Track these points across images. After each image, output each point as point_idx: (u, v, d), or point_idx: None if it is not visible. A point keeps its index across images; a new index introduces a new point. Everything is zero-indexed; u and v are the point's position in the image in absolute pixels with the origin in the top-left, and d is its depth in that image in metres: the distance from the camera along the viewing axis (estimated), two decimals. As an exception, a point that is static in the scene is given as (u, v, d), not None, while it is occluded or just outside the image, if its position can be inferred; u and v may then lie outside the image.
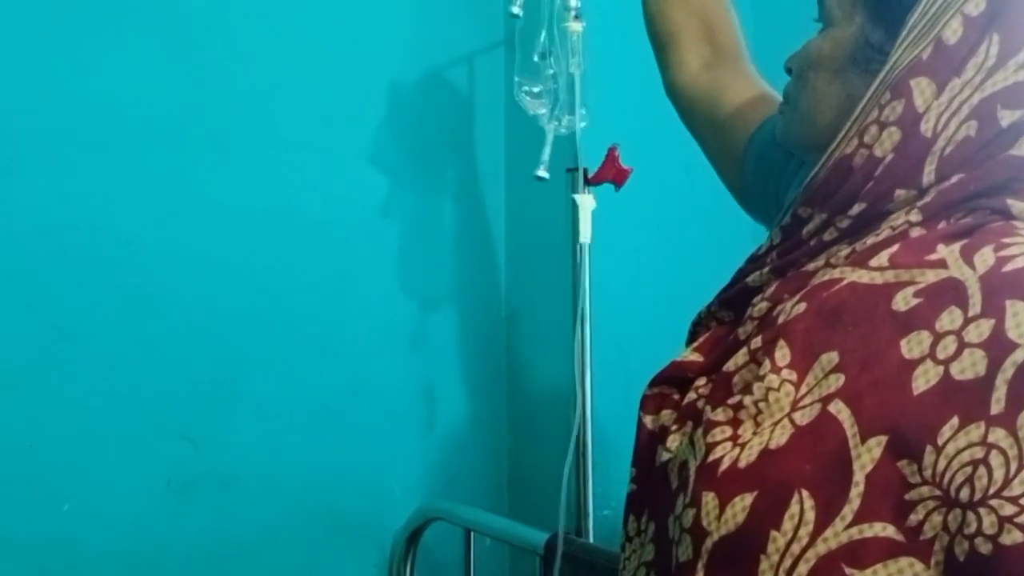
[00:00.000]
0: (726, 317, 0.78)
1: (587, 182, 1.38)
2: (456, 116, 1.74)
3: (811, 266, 0.72)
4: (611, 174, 1.37)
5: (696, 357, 0.77)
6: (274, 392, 1.50)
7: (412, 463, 1.66)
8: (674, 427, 0.74)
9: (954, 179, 0.66)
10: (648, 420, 0.77)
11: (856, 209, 0.70)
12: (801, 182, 0.77)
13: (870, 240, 0.68)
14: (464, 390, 1.73)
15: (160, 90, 1.41)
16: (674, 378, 0.78)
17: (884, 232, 0.68)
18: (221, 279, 1.46)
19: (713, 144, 1.04)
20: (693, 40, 1.07)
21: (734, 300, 0.78)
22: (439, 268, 1.70)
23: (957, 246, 0.63)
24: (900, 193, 0.68)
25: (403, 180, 1.65)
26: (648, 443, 0.76)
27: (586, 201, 1.36)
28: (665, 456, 0.74)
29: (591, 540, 1.42)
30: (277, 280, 1.51)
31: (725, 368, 0.72)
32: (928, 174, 0.67)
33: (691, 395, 0.74)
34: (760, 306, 0.74)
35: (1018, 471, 0.54)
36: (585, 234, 1.37)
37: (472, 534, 1.51)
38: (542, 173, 1.23)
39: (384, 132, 1.63)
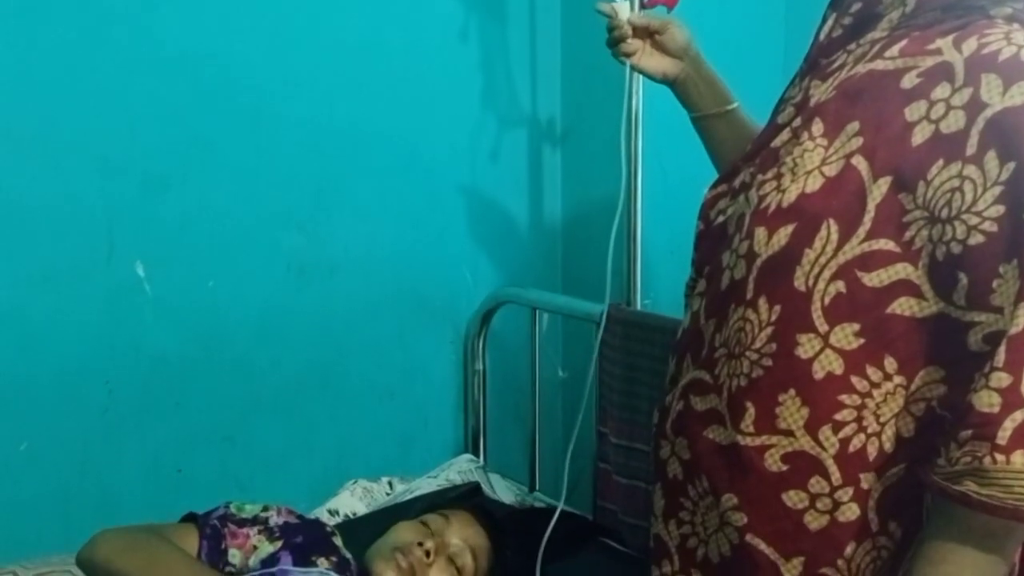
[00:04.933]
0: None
1: (643, 6, 1.50)
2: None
3: (831, 61, 0.89)
4: (663, -3, 1.49)
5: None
6: (369, 194, 1.72)
7: (481, 257, 1.88)
8: (729, 201, 0.95)
9: None
10: (711, 213, 0.97)
11: (855, 7, 0.88)
12: None
13: (870, 35, 0.86)
14: (526, 200, 1.93)
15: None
16: (727, 175, 0.97)
17: (879, 31, 0.85)
18: (324, 99, 1.65)
19: None
20: None
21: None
22: (503, 90, 1.86)
23: (951, 38, 0.80)
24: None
25: (474, 9, 1.78)
26: (707, 221, 0.97)
27: (622, 7, 1.25)
28: (721, 218, 0.95)
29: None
30: (368, 97, 1.69)
31: (772, 145, 0.92)
32: None
33: (743, 176, 0.94)
34: (794, 94, 0.93)
35: (982, 194, 0.74)
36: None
37: (537, 312, 1.74)
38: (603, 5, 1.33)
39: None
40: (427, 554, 1.18)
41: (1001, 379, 0.72)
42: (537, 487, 1.75)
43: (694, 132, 1.24)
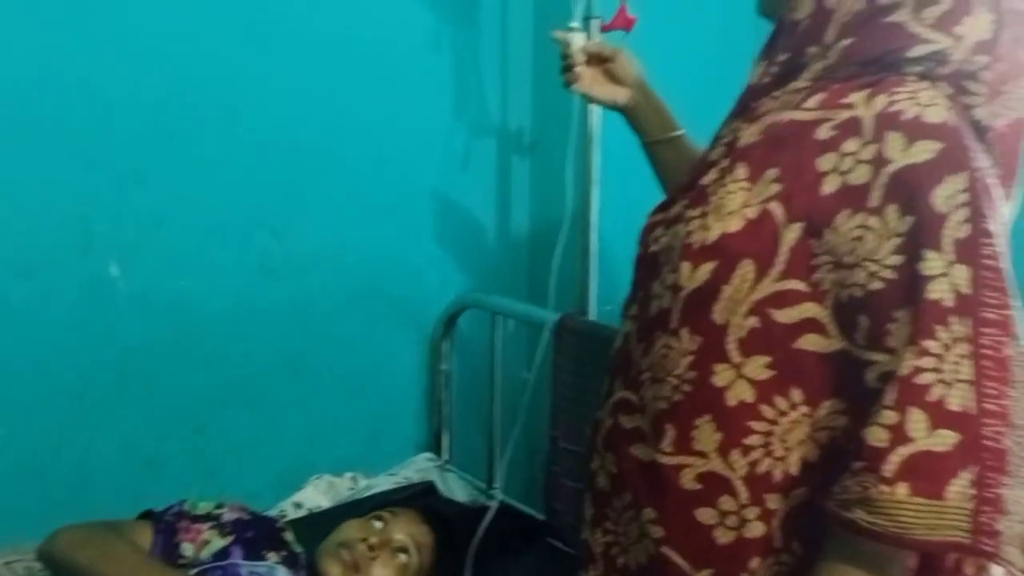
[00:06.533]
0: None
1: (602, 29, 1.56)
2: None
3: (758, 106, 0.94)
4: (621, 23, 1.55)
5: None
6: (340, 196, 1.75)
7: (448, 261, 1.93)
8: (664, 230, 1.00)
9: (848, 40, 0.88)
10: (649, 239, 1.02)
11: (782, 57, 0.93)
12: None
13: (794, 84, 0.91)
14: (493, 208, 1.98)
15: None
16: (665, 205, 1.03)
17: (803, 81, 0.90)
18: (299, 101, 1.67)
19: None
20: None
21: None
22: (474, 99, 1.90)
23: (865, 93, 0.85)
24: (811, 50, 0.90)
25: (445, 21, 1.82)
26: (645, 247, 1.02)
27: (576, 36, 1.33)
28: (656, 247, 1.00)
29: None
30: (341, 100, 1.72)
31: (702, 182, 0.97)
32: (830, 35, 0.89)
33: (677, 208, 0.99)
34: (726, 133, 0.98)
35: (883, 243, 0.80)
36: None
37: (497, 317, 1.79)
38: (574, 24, 1.39)
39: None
40: (370, 548, 1.24)
41: (890, 417, 0.77)
42: (495, 485, 1.81)
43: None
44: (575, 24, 1.38)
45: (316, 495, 1.69)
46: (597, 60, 1.31)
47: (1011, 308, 0.79)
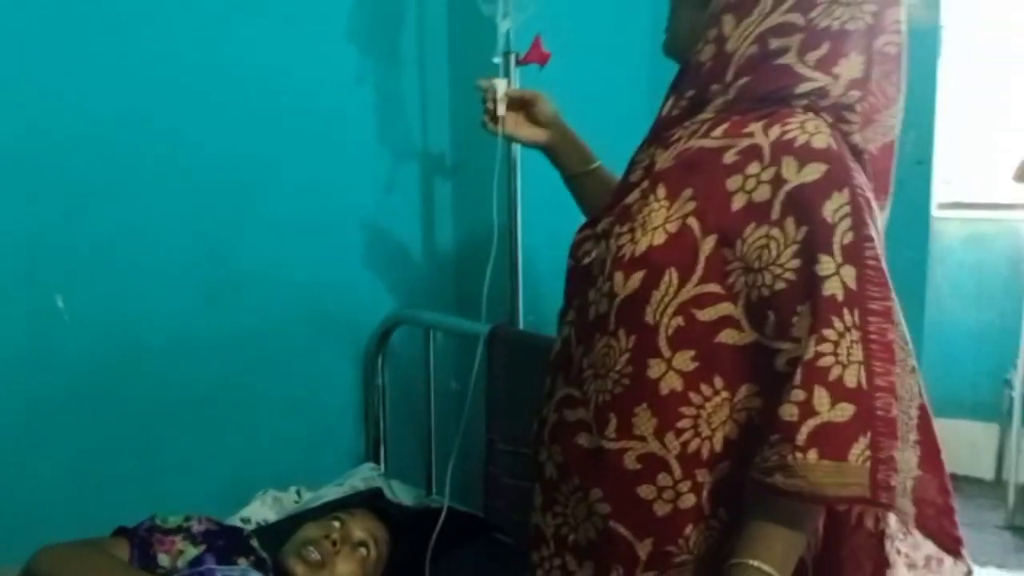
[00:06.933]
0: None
1: (518, 63, 1.69)
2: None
3: (670, 134, 1.09)
4: (536, 57, 1.68)
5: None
6: (275, 223, 1.82)
7: (379, 280, 2.02)
8: (593, 244, 1.13)
9: (745, 79, 1.03)
10: (579, 253, 1.15)
11: (689, 93, 1.08)
12: None
13: (701, 116, 1.05)
14: (418, 226, 2.09)
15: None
16: (592, 222, 1.16)
17: (708, 113, 1.05)
18: (234, 136, 1.74)
19: None
20: None
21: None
22: (397, 126, 2.01)
23: (761, 124, 1.00)
24: (714, 87, 1.05)
25: (368, 56, 1.93)
26: (577, 260, 1.15)
27: (499, 84, 1.47)
28: (587, 259, 1.14)
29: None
30: (274, 132, 1.79)
31: (626, 202, 1.10)
32: (730, 75, 1.04)
33: (604, 224, 1.12)
34: (643, 158, 1.12)
35: (784, 250, 0.95)
36: (501, 109, 1.47)
37: (431, 331, 1.90)
38: (496, 59, 1.52)
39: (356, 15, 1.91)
40: (333, 544, 1.34)
41: (799, 395, 0.91)
42: (434, 490, 1.91)
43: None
44: (497, 59, 1.50)
45: (263, 510, 1.74)
46: (518, 104, 1.44)
47: (892, 300, 0.95)
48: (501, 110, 1.43)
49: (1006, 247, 3.42)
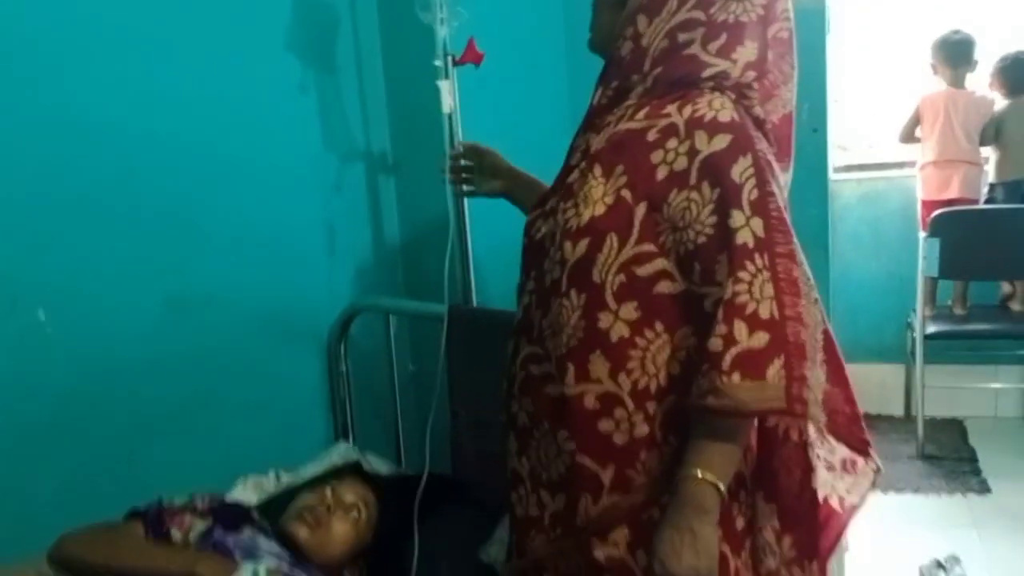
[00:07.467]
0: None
1: (455, 63, 1.84)
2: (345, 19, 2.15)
3: (602, 120, 1.25)
4: (471, 57, 1.83)
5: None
6: (232, 232, 1.91)
7: (334, 275, 2.15)
8: (543, 221, 1.29)
9: (659, 68, 1.20)
10: (532, 231, 1.31)
11: (614, 84, 1.25)
12: None
13: (625, 103, 1.22)
14: (368, 223, 2.22)
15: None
16: (541, 202, 1.32)
17: (632, 99, 1.22)
18: (186, 153, 1.81)
19: None
20: None
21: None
22: (340, 131, 2.14)
23: (676, 105, 1.17)
24: (635, 77, 1.22)
25: (309, 66, 2.06)
26: (531, 237, 1.31)
27: (444, 84, 1.74)
28: (538, 235, 1.30)
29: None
30: (225, 145, 1.88)
31: (568, 181, 1.27)
32: (647, 66, 1.21)
33: (551, 203, 1.29)
34: (580, 143, 1.29)
35: (702, 209, 1.12)
36: (447, 104, 1.77)
37: (390, 317, 2.04)
38: (437, 62, 1.68)
39: (293, 27, 2.03)
40: (328, 508, 1.49)
41: (722, 329, 1.08)
42: (403, 463, 2.05)
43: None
44: (438, 63, 1.66)
45: (245, 494, 1.83)
46: (474, 154, 1.68)
47: (794, 244, 1.13)
48: (447, 106, 1.60)
49: (898, 202, 3.72)
